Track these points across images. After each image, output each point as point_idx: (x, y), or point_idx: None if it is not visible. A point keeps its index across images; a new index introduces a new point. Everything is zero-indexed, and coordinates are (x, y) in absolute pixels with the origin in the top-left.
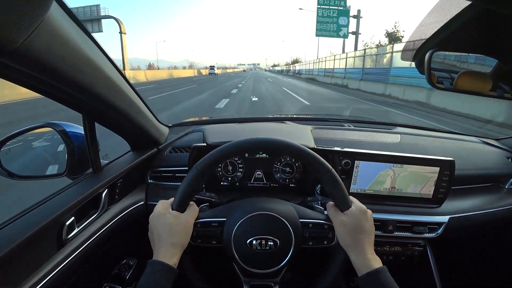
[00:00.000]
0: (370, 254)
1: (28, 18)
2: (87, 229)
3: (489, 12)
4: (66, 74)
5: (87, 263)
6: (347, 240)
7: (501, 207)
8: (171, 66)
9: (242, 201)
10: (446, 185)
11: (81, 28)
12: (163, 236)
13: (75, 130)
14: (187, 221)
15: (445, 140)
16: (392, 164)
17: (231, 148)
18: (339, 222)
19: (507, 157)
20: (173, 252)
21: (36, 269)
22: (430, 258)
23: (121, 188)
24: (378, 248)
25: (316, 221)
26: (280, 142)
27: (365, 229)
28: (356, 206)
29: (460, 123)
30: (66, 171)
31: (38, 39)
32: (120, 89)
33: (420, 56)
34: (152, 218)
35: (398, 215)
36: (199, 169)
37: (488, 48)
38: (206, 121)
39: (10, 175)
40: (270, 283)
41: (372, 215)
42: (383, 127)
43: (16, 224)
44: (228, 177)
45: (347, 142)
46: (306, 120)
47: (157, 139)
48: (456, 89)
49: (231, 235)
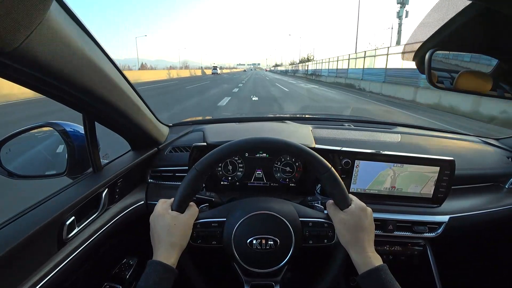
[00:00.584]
0: (370, 252)
1: (28, 18)
2: (87, 229)
3: (489, 12)
4: (66, 73)
5: (87, 262)
6: (347, 238)
7: (501, 206)
8: (167, 66)
9: (242, 201)
10: (446, 184)
11: (82, 27)
12: (162, 236)
13: (75, 129)
14: (187, 222)
15: (445, 140)
16: (392, 164)
17: (230, 148)
18: (339, 220)
19: (507, 156)
20: (172, 252)
21: (36, 269)
22: (430, 257)
23: (121, 187)
24: (378, 248)
25: (316, 220)
26: (279, 141)
27: (365, 227)
28: (355, 204)
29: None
30: (66, 170)
31: (38, 39)
32: (120, 88)
33: (420, 56)
34: (152, 218)
35: (398, 214)
36: (199, 170)
37: (489, 48)
38: (206, 120)
39: (10, 174)
40: (271, 282)
41: (372, 213)
42: (383, 126)
43: (16, 224)
44: (228, 176)
45: (347, 142)
46: (306, 120)
47: (157, 139)
48: (456, 89)
49: (231, 235)
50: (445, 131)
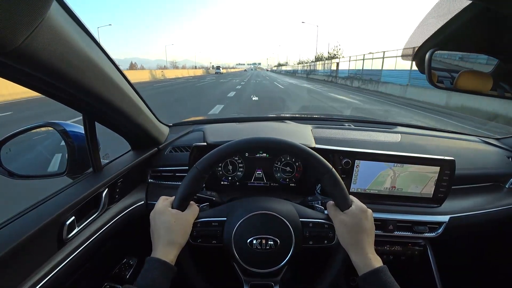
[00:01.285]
0: (370, 253)
1: (28, 18)
2: (88, 229)
3: (490, 12)
4: (66, 73)
5: (88, 262)
6: (347, 239)
7: (501, 206)
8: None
9: (243, 200)
10: (447, 184)
11: (82, 27)
12: (161, 233)
13: (75, 129)
14: (187, 220)
15: (445, 140)
16: (393, 164)
17: (231, 148)
18: (339, 221)
19: (507, 156)
20: (170, 250)
21: (37, 269)
22: (430, 257)
23: (121, 187)
24: (378, 248)
25: (317, 220)
26: (280, 141)
27: (365, 228)
28: (356, 206)
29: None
30: (66, 170)
31: (38, 39)
32: (120, 88)
33: (420, 56)
34: (152, 215)
35: (398, 214)
36: (200, 169)
37: (489, 47)
38: (206, 120)
39: (10, 174)
40: (271, 282)
41: (372, 214)
42: (383, 126)
43: (16, 224)
44: (228, 176)
45: (347, 142)
46: (306, 120)
47: (158, 139)
48: (457, 89)
49: (232, 235)
50: (446, 131)
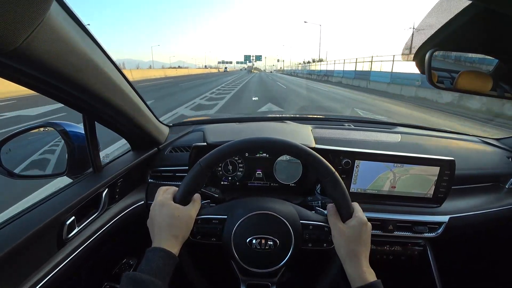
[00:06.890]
0: (365, 267)
1: (28, 18)
2: (88, 229)
3: (489, 12)
4: (67, 73)
5: (88, 262)
6: (344, 249)
7: (501, 206)
8: (161, 66)
9: (244, 199)
10: (447, 184)
11: (82, 28)
12: (164, 226)
13: (75, 129)
14: (190, 215)
15: (445, 140)
16: (392, 164)
17: (234, 147)
18: (339, 230)
19: (507, 156)
20: (175, 243)
21: (37, 269)
22: (430, 257)
23: (121, 187)
24: (378, 248)
25: (317, 223)
26: (282, 142)
27: (363, 241)
28: (357, 219)
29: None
30: (66, 170)
31: (38, 39)
32: (120, 89)
33: (420, 56)
34: (154, 207)
35: (398, 214)
36: (203, 165)
37: (489, 48)
38: (206, 120)
39: (10, 174)
40: (268, 282)
41: (371, 227)
42: (383, 126)
43: (17, 224)
44: (228, 176)
45: (347, 142)
46: (306, 120)
47: (157, 139)
48: (457, 89)
49: (231, 233)
50: (445, 131)
